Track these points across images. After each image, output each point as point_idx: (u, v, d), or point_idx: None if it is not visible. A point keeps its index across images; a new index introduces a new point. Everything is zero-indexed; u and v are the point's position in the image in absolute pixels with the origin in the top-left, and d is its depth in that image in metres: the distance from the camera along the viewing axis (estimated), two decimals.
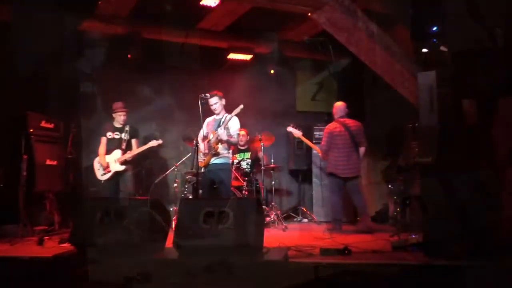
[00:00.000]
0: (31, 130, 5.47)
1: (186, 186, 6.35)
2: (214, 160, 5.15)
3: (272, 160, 6.92)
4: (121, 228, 3.41)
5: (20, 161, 5.06)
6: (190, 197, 6.05)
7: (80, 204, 3.77)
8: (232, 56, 7.28)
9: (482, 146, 3.87)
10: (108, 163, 5.55)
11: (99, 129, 5.75)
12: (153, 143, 5.62)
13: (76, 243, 3.51)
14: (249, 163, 6.81)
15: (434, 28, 4.55)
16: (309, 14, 5.05)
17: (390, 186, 6.31)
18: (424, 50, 4.60)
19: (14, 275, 3.55)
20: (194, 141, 4.88)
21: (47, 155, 5.65)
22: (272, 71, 7.47)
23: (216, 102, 5.18)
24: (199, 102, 4.78)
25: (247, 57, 7.38)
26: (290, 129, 6.26)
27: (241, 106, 4.96)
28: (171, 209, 5.89)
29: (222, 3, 5.85)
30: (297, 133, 6.20)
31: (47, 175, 5.60)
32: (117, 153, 5.58)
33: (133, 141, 5.72)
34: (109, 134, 5.63)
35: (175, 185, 6.31)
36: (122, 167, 5.54)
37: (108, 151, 5.60)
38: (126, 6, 6.03)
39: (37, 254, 3.81)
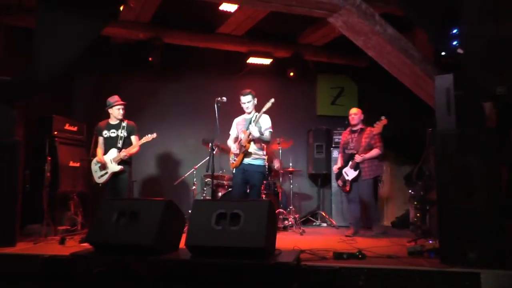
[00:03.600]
0: (56, 132, 5.67)
1: (205, 188, 6.43)
2: (250, 161, 5.07)
3: (291, 164, 6.91)
4: (136, 228, 3.47)
5: (44, 163, 5.20)
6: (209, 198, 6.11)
7: (98, 204, 3.86)
8: (252, 60, 7.35)
9: (502, 150, 3.78)
10: (106, 162, 5.23)
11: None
12: (147, 138, 5.24)
13: (93, 242, 3.60)
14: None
15: (454, 31, 4.48)
16: (326, 18, 5.04)
17: (410, 191, 6.20)
18: (443, 53, 4.53)
19: (34, 271, 3.71)
20: (210, 144, 4.93)
21: (71, 157, 5.84)
22: (292, 75, 7.47)
23: (249, 101, 5.16)
24: (215, 106, 4.85)
25: (267, 61, 7.43)
26: None
27: (272, 100, 4.93)
28: (189, 211, 5.94)
29: (240, 9, 5.92)
30: None
31: (70, 177, 5.78)
32: (113, 152, 5.23)
33: (133, 138, 5.34)
34: (105, 133, 5.33)
35: (194, 187, 6.38)
36: (119, 167, 5.17)
37: (105, 151, 5.30)
38: (148, 12, 6.19)
39: (57, 253, 3.93)
